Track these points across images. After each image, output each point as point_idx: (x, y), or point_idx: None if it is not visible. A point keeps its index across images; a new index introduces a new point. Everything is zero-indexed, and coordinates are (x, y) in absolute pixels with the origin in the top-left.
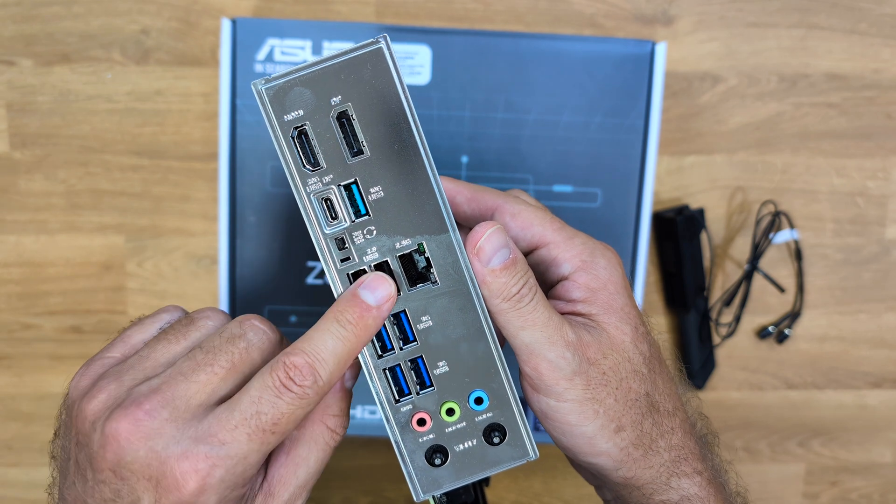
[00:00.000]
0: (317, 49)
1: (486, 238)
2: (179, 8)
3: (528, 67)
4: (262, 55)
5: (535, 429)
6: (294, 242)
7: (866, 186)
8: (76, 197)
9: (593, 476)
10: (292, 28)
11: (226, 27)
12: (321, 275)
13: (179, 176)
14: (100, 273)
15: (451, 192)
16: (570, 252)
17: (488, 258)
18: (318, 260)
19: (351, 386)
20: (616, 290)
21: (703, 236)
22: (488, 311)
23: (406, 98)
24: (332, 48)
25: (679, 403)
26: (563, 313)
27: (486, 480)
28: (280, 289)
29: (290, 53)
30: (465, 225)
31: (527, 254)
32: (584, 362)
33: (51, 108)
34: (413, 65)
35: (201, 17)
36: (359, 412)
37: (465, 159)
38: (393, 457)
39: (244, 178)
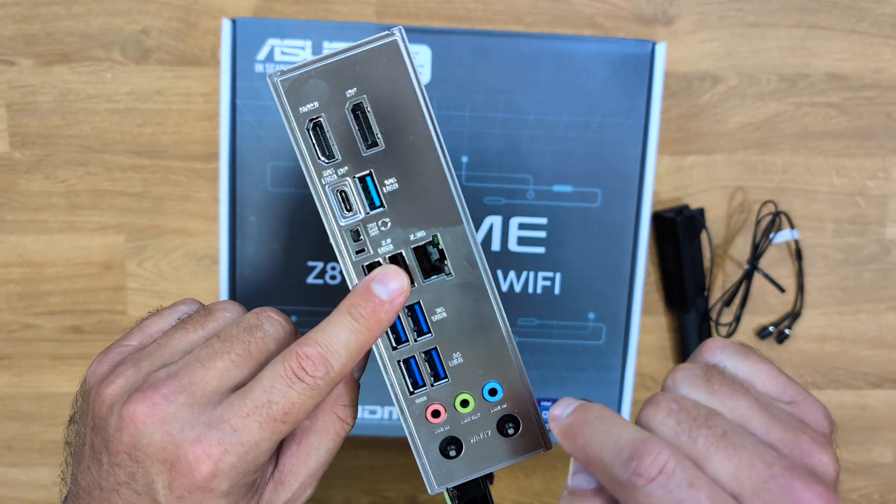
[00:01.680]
0: (317, 49)
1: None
2: (179, 8)
3: (528, 67)
4: (262, 55)
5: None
6: (295, 242)
7: (866, 186)
8: (76, 197)
9: None
10: (292, 28)
11: (226, 27)
12: (321, 274)
13: (179, 176)
14: (100, 273)
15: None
16: None
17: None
18: (318, 260)
19: (359, 377)
20: None
21: (703, 236)
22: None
23: (421, 90)
24: (332, 48)
25: None
26: None
27: (490, 478)
28: (280, 289)
29: (291, 53)
30: None
31: None
32: None
33: (51, 108)
34: None
35: (201, 17)
36: (359, 412)
37: (465, 159)
38: (393, 456)
39: (244, 178)
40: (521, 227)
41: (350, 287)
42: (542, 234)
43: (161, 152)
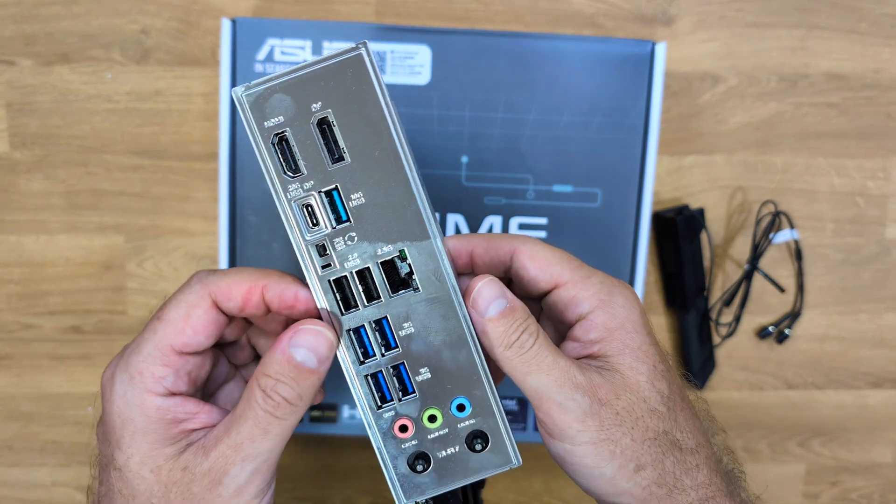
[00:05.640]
0: (317, 49)
1: (479, 289)
2: (179, 8)
3: (528, 67)
4: (262, 55)
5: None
6: None
7: (866, 186)
8: (76, 197)
9: None
10: (292, 28)
11: (226, 27)
12: None
13: (179, 176)
14: (100, 273)
15: (465, 246)
16: (587, 291)
17: (484, 308)
18: None
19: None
20: (633, 328)
21: (703, 236)
22: (492, 360)
23: (386, 104)
24: (331, 48)
25: (703, 439)
26: (579, 356)
27: (481, 483)
28: None
29: (290, 53)
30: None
31: (545, 294)
32: (595, 403)
33: (51, 108)
34: (413, 65)
35: (201, 17)
36: (359, 412)
37: (465, 159)
38: None
39: (244, 178)
40: (522, 227)
41: (317, 304)
42: (542, 234)
43: (161, 152)
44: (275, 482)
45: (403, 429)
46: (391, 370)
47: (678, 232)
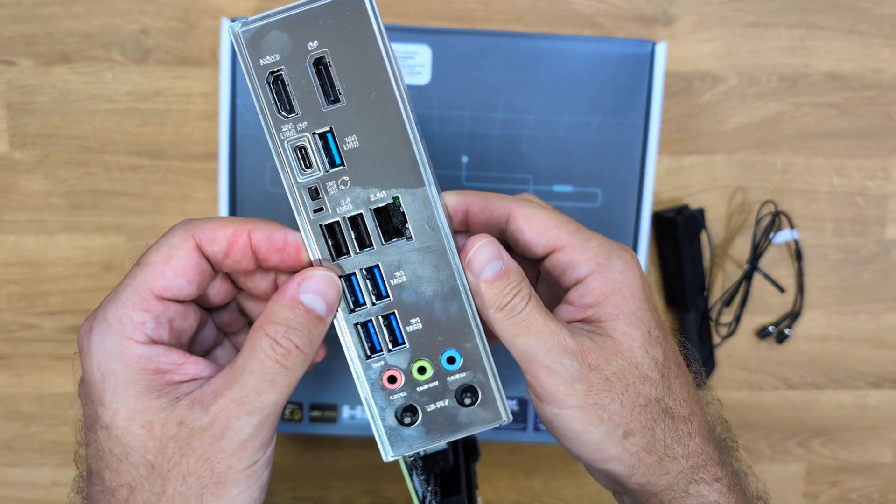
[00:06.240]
0: None
1: (476, 250)
2: (179, 8)
3: (528, 67)
4: None
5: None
6: None
7: (866, 186)
8: (76, 197)
9: (611, 482)
10: None
11: (226, 27)
12: None
13: (179, 176)
14: (100, 273)
15: (462, 203)
16: (585, 255)
17: (479, 270)
18: None
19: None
20: (630, 293)
21: (703, 236)
22: (484, 321)
23: (385, 45)
24: None
25: (697, 408)
26: (572, 320)
27: (475, 455)
28: None
29: None
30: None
31: (543, 258)
32: (584, 368)
33: (51, 108)
34: (413, 65)
35: (201, 17)
36: (358, 412)
37: (465, 159)
38: None
39: (244, 178)
40: None
41: (308, 249)
42: None
43: (161, 152)
44: (276, 436)
45: (392, 380)
46: (381, 320)
47: (678, 232)
